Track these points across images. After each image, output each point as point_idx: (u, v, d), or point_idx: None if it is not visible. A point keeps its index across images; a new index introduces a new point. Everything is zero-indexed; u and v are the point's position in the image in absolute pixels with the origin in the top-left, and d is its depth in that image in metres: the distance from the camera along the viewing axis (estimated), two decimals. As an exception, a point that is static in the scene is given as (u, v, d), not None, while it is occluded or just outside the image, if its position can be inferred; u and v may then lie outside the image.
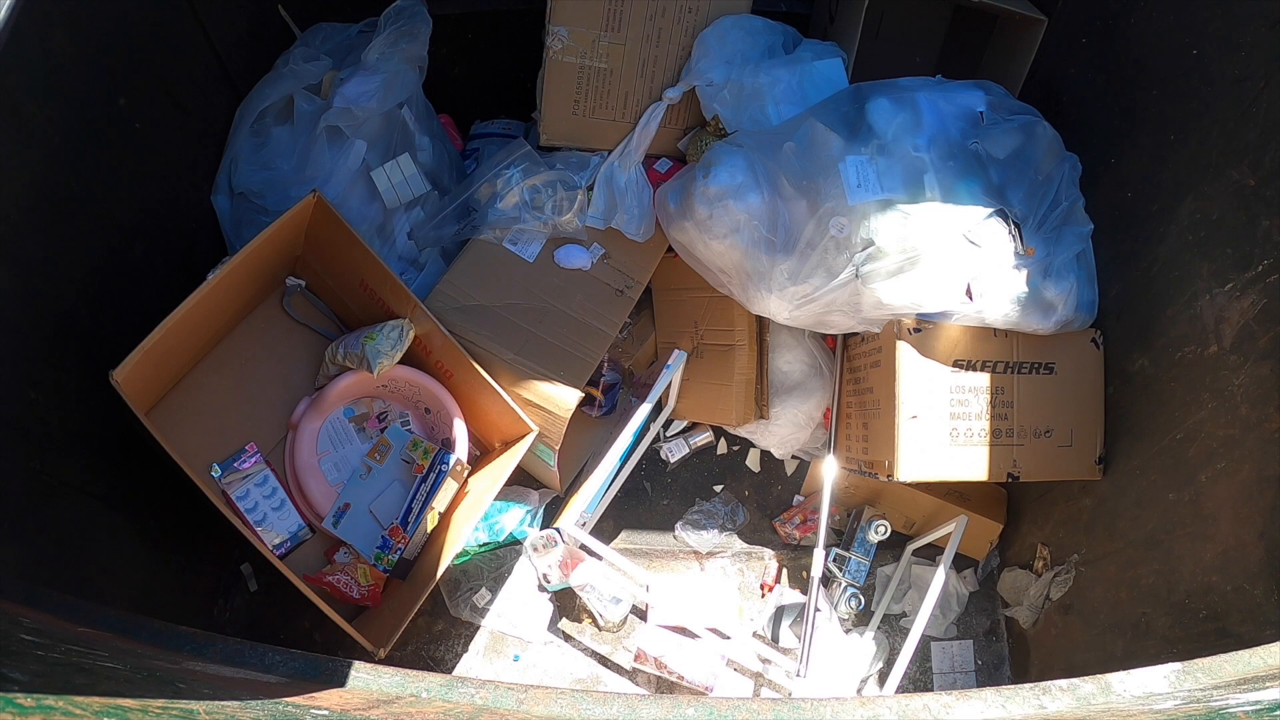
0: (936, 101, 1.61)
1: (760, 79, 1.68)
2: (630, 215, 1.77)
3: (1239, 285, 1.28)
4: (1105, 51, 1.61)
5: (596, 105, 1.78)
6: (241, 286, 1.57)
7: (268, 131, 1.69)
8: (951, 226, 1.52)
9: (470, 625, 1.78)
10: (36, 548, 1.19)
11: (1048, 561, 1.72)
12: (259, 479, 1.60)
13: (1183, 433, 1.38)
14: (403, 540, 1.62)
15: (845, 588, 1.82)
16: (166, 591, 1.57)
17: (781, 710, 0.87)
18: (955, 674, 1.81)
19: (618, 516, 1.95)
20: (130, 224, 1.45)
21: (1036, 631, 1.73)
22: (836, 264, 1.53)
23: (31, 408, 1.21)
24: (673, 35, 1.74)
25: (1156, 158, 1.47)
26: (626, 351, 2.01)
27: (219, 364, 1.64)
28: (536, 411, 1.64)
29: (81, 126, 1.29)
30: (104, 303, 1.39)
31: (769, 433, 1.94)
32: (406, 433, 1.74)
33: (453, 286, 1.69)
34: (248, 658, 0.89)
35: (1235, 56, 1.29)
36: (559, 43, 1.71)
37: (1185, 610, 1.32)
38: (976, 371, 1.58)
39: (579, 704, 0.87)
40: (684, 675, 1.67)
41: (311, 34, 1.81)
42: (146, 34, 1.43)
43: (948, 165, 1.55)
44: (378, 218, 1.75)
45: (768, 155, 1.59)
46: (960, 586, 1.85)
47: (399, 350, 1.61)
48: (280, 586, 1.40)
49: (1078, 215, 1.60)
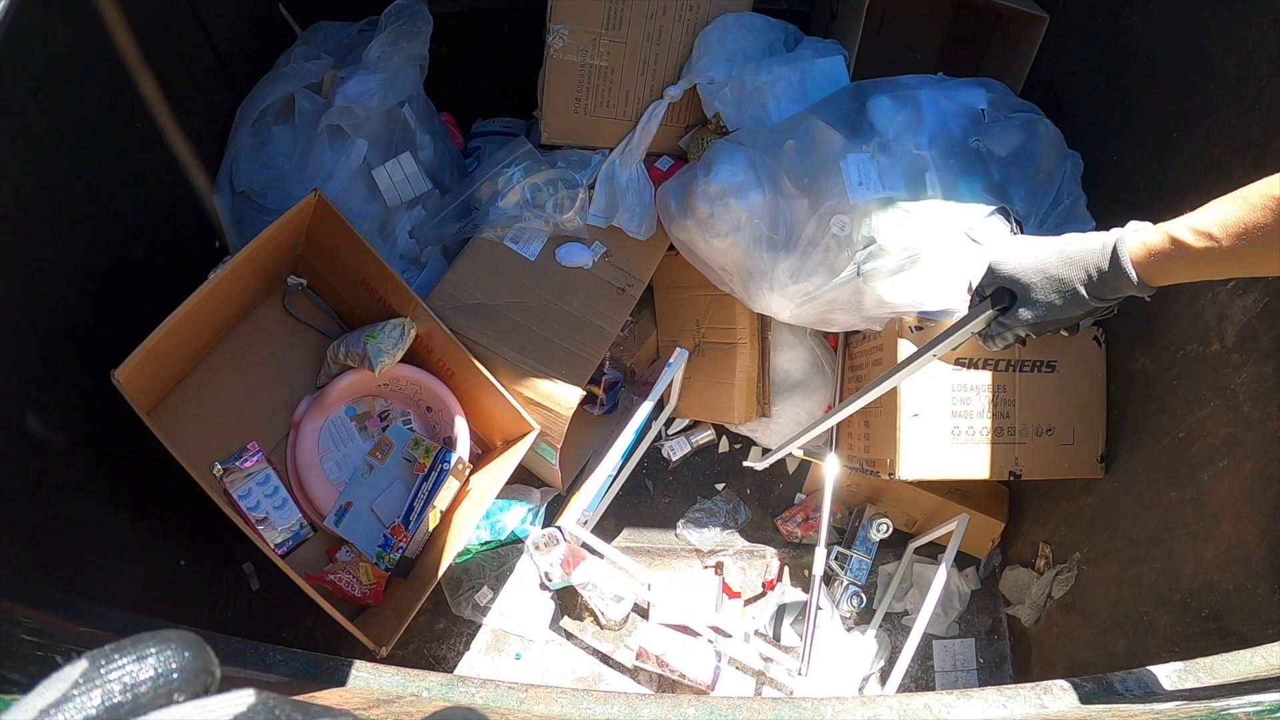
0: (938, 99, 1.60)
1: (761, 77, 1.68)
2: (631, 213, 1.77)
3: (1241, 283, 1.28)
4: (1107, 49, 1.60)
5: (598, 103, 1.78)
6: (243, 285, 1.58)
7: (269, 130, 1.69)
8: (953, 224, 1.51)
9: (472, 624, 1.78)
10: (38, 547, 1.19)
11: (1049, 560, 1.72)
12: (261, 478, 1.60)
13: (1185, 431, 1.38)
14: (404, 539, 1.63)
15: (847, 586, 1.82)
16: (168, 591, 1.58)
17: (783, 709, 0.88)
18: (957, 672, 1.81)
19: (619, 515, 1.95)
20: (131, 223, 1.45)
21: (1038, 630, 1.73)
22: (838, 262, 1.53)
23: (34, 407, 1.22)
24: (674, 33, 1.74)
25: (1159, 155, 1.47)
26: (628, 350, 2.01)
27: (220, 363, 1.64)
28: (538, 410, 1.64)
29: (82, 126, 1.29)
30: (105, 302, 1.39)
31: (771, 431, 1.94)
32: (408, 431, 1.74)
33: (454, 285, 1.69)
34: (249, 657, 0.89)
35: (1238, 54, 1.29)
36: (560, 41, 1.71)
37: (1187, 609, 1.32)
38: (978, 370, 1.57)
39: (580, 703, 0.87)
40: (685, 674, 1.67)
41: (312, 33, 1.81)
42: (147, 32, 1.43)
43: (949, 163, 1.55)
44: (379, 216, 1.76)
45: (769, 153, 1.59)
46: (962, 585, 1.85)
47: (400, 349, 1.61)
48: (282, 585, 1.40)
49: (1080, 213, 1.59)
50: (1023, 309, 0.93)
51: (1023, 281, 0.92)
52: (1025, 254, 0.92)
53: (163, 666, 0.31)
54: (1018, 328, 0.96)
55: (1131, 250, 0.84)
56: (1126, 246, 0.85)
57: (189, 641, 0.32)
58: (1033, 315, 0.92)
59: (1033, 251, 0.92)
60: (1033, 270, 0.91)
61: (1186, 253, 0.79)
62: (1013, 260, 0.93)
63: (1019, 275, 0.92)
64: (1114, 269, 0.85)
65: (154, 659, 0.31)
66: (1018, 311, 0.94)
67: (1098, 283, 0.87)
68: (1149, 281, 0.84)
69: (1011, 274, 0.93)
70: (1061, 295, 0.89)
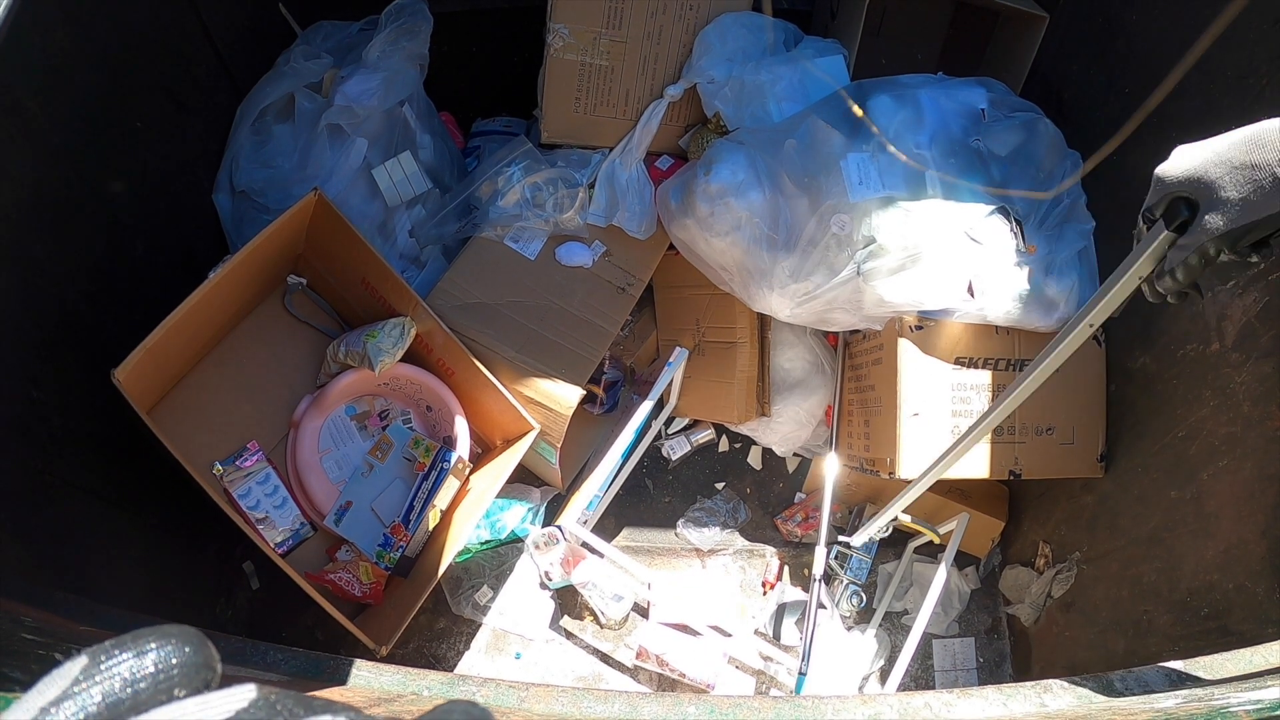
0: (938, 99, 1.60)
1: (761, 76, 1.68)
2: (631, 213, 1.77)
3: (1241, 283, 1.28)
4: (1107, 49, 1.60)
5: (598, 103, 1.78)
6: (243, 285, 1.57)
7: (269, 130, 1.69)
8: (953, 224, 1.51)
9: (472, 623, 1.78)
10: (38, 546, 1.19)
11: (1049, 559, 1.72)
12: (261, 477, 1.60)
13: (1184, 430, 1.38)
14: (404, 538, 1.63)
15: (847, 585, 1.82)
16: (168, 590, 1.58)
17: (783, 708, 0.87)
18: (957, 671, 1.81)
19: (619, 514, 1.95)
20: (131, 223, 1.45)
21: (1038, 629, 1.73)
22: (838, 261, 1.53)
23: (34, 406, 1.22)
24: (674, 33, 1.74)
25: (1159, 155, 1.46)
26: (628, 349, 2.01)
27: (220, 362, 1.64)
28: (538, 409, 1.64)
29: (82, 126, 1.30)
30: (106, 301, 1.39)
31: (770, 430, 1.94)
32: (408, 430, 1.74)
33: (454, 284, 1.69)
34: (250, 656, 0.89)
35: (1237, 53, 1.29)
36: (560, 40, 1.71)
37: (1187, 608, 1.32)
38: (978, 369, 1.57)
39: (580, 702, 0.87)
40: (686, 673, 1.67)
41: (312, 32, 1.81)
42: (147, 32, 1.44)
43: (949, 162, 1.55)
44: (379, 216, 1.76)
45: (769, 152, 1.59)
46: (962, 584, 1.85)
47: (400, 348, 1.61)
48: (282, 584, 1.40)
49: (1080, 212, 1.60)
50: (1209, 215, 0.73)
51: (1205, 180, 0.73)
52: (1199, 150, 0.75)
53: (163, 662, 0.31)
54: (1207, 243, 0.74)
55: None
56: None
57: (189, 637, 0.32)
58: (1224, 221, 0.72)
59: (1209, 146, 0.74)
60: (1215, 164, 0.73)
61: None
62: (1185, 160, 0.76)
63: (1198, 173, 0.74)
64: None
65: (154, 654, 0.31)
66: (1203, 220, 0.73)
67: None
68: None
69: (1187, 174, 0.75)
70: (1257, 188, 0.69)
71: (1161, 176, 0.78)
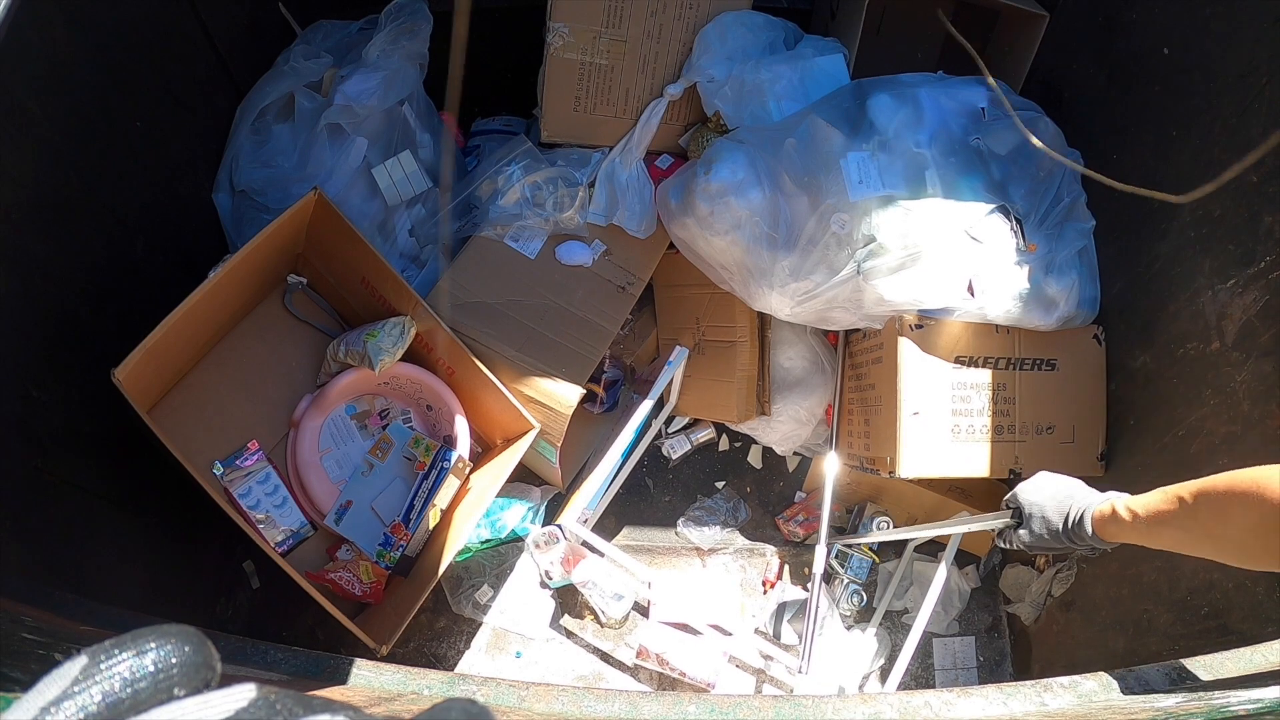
0: (938, 97, 1.60)
1: (761, 75, 1.68)
2: (631, 212, 1.77)
3: (1241, 281, 1.28)
4: (1107, 47, 1.60)
5: (598, 102, 1.78)
6: (243, 284, 1.58)
7: (268, 129, 1.69)
8: (953, 223, 1.51)
9: (472, 622, 1.78)
10: (38, 546, 1.20)
11: (1049, 558, 1.72)
12: (261, 476, 1.60)
13: (1184, 429, 1.38)
14: (405, 537, 1.63)
15: (847, 584, 1.82)
16: (169, 589, 1.58)
17: (783, 707, 0.88)
18: (957, 670, 1.81)
19: (619, 513, 1.95)
20: (131, 222, 1.45)
21: (1038, 628, 1.73)
22: (838, 260, 1.53)
23: (34, 406, 1.22)
24: (673, 31, 1.74)
25: (1158, 153, 1.47)
26: (628, 348, 2.01)
27: (220, 362, 1.64)
28: (538, 408, 1.64)
29: (82, 125, 1.29)
30: (106, 301, 1.39)
31: (771, 429, 1.94)
32: (408, 430, 1.74)
33: (454, 283, 1.69)
34: (250, 656, 0.89)
35: (1237, 52, 1.29)
36: (560, 39, 1.71)
37: (1186, 607, 1.32)
38: (978, 368, 1.57)
39: (581, 701, 0.87)
40: (686, 672, 1.67)
41: (312, 31, 1.81)
42: (147, 32, 1.43)
43: (949, 161, 1.55)
44: (379, 215, 1.76)
45: (769, 151, 1.59)
46: (962, 583, 1.85)
47: (400, 347, 1.61)
48: (282, 584, 1.40)
49: (1080, 211, 1.60)
50: (1022, 530, 1.12)
51: (1026, 511, 1.11)
52: (1041, 490, 1.10)
53: (163, 661, 0.31)
54: (1017, 544, 1.13)
55: (1098, 510, 1.00)
56: (1094, 510, 1.01)
57: (189, 636, 0.32)
58: (1028, 539, 1.10)
59: (1046, 489, 1.10)
60: (1036, 505, 1.09)
61: (1120, 522, 0.96)
62: (1029, 491, 1.12)
63: (1025, 506, 1.11)
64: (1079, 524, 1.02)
65: (154, 654, 0.31)
66: (1019, 530, 1.13)
67: (1071, 530, 1.04)
68: (1103, 538, 1.00)
69: (1023, 501, 1.12)
70: (1049, 532, 1.07)
71: (1016, 492, 1.14)
